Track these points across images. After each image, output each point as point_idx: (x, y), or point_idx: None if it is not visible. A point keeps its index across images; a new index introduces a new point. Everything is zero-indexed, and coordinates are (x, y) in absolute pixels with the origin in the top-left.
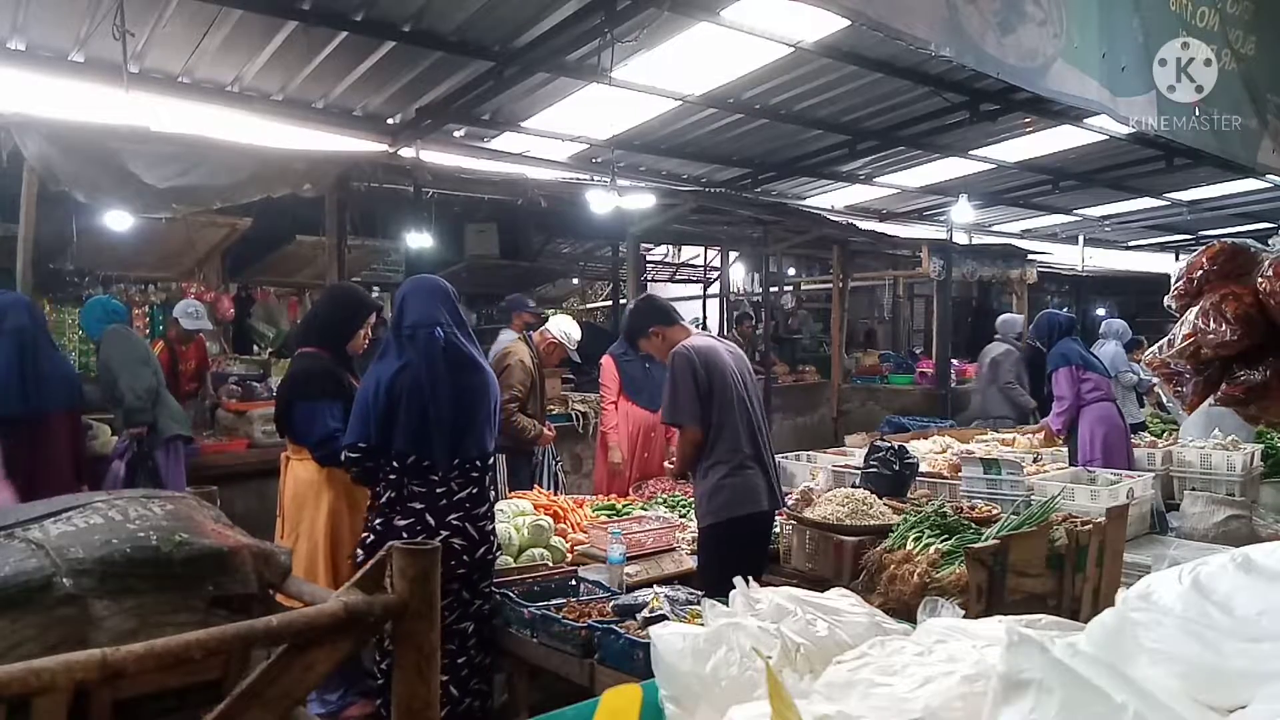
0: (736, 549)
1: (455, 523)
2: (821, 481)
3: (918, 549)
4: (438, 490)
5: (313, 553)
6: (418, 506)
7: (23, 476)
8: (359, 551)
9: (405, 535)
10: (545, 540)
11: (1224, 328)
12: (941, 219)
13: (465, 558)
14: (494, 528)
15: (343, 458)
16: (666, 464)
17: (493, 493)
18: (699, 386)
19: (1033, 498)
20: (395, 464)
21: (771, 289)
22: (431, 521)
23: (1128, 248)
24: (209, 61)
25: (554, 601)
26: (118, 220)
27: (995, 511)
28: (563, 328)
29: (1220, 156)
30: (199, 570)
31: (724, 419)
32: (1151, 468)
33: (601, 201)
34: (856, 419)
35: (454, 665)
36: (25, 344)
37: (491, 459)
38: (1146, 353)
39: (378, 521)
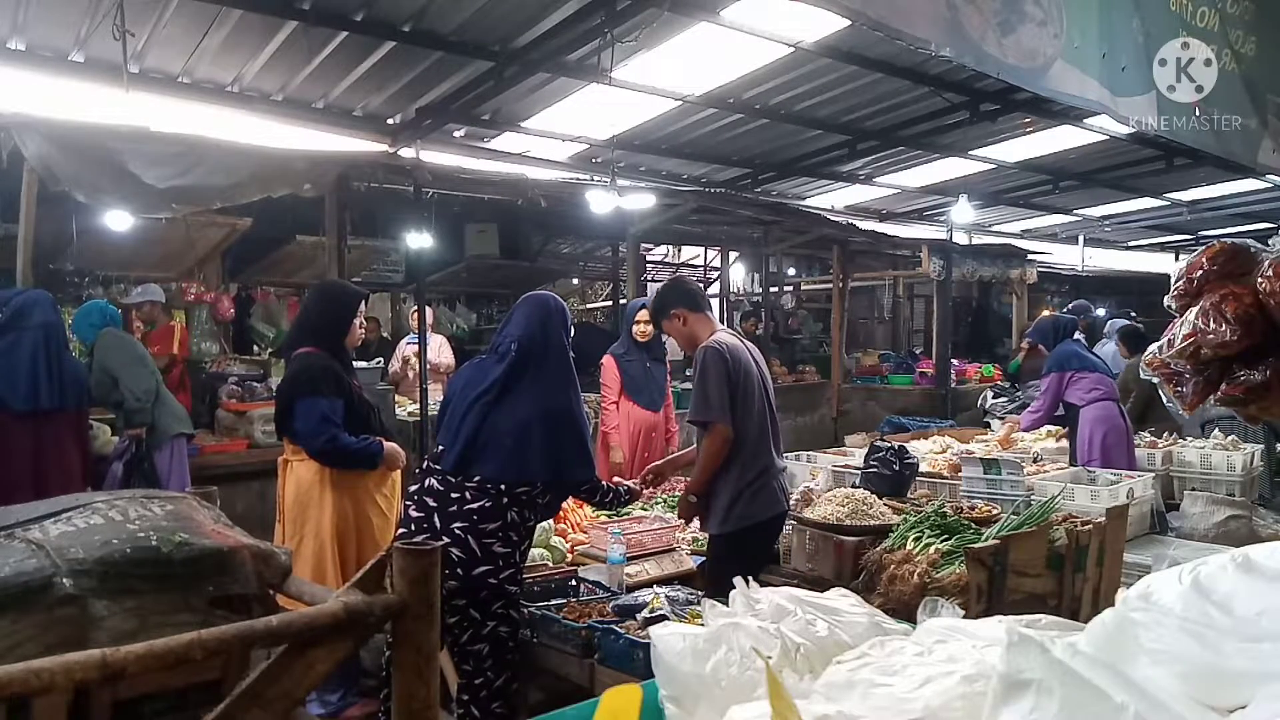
0: (751, 554)
1: (458, 532)
2: (821, 481)
3: (918, 549)
4: (452, 495)
5: (320, 551)
6: (431, 503)
7: (38, 473)
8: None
9: (413, 528)
10: (545, 540)
11: (1224, 328)
12: (941, 219)
13: (459, 571)
14: (511, 554)
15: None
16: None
17: (530, 520)
18: (731, 383)
19: (1033, 498)
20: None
21: (771, 289)
22: (438, 524)
23: (1128, 248)
24: (209, 61)
25: (554, 601)
26: (118, 220)
27: (995, 511)
28: None
29: (1220, 156)
30: (199, 570)
31: (748, 422)
32: (1151, 468)
33: (601, 201)
34: (856, 419)
35: (472, 686)
36: (51, 339)
37: (529, 489)
38: (1146, 352)
39: (407, 504)
